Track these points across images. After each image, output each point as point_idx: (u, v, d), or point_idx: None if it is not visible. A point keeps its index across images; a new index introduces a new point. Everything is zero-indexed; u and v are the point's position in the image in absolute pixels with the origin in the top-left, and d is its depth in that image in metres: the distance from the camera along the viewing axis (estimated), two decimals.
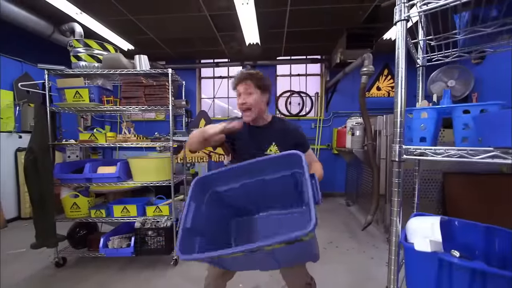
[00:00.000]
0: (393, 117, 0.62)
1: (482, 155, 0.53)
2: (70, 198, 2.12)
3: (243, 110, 1.15)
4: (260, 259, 0.77)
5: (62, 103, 2.07)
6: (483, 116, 0.54)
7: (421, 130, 0.64)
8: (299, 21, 3.43)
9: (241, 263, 0.81)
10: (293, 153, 0.87)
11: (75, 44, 2.06)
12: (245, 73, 1.15)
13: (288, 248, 0.71)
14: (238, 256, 0.71)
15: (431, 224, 0.56)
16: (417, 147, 0.60)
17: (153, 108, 2.05)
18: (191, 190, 0.89)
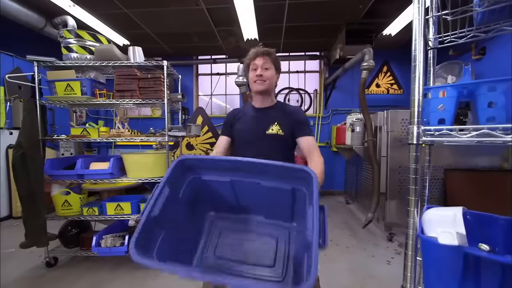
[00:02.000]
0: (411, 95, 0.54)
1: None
2: (61, 195, 2.04)
3: (258, 81, 1.14)
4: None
5: (53, 97, 1.98)
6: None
7: (439, 111, 0.58)
8: (298, 15, 3.37)
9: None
10: (305, 169, 0.75)
11: (66, 35, 1.97)
12: (263, 49, 1.16)
13: None
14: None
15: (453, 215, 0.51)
16: (437, 127, 0.54)
17: (148, 102, 1.98)
18: (170, 171, 0.74)
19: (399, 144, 2.62)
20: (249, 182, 0.82)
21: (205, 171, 0.83)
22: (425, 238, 0.51)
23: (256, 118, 1.20)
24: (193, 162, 0.81)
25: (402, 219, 2.66)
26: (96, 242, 1.97)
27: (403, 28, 3.54)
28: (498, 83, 0.51)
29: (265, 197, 0.83)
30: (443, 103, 0.56)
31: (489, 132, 0.48)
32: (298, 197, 0.80)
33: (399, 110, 2.66)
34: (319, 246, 0.56)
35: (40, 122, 1.98)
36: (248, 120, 1.21)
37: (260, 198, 0.84)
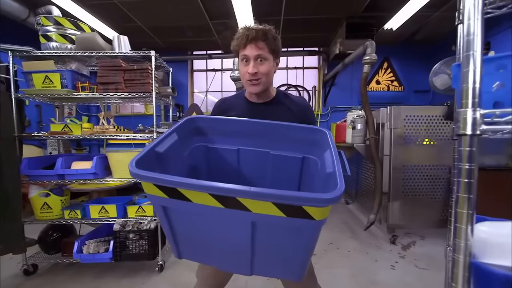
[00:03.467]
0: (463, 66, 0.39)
1: None
2: (40, 197, 1.87)
3: (252, 81, 0.89)
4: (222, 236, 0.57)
5: (29, 89, 1.81)
6: None
7: (494, 91, 0.44)
8: (297, 7, 3.22)
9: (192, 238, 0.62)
10: (319, 128, 0.76)
11: (43, 22, 1.80)
12: (257, 29, 0.86)
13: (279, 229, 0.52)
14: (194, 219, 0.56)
15: None
16: (507, 110, 0.40)
17: (134, 95, 1.82)
18: (178, 124, 0.72)
19: (402, 142, 2.50)
20: (257, 152, 0.79)
21: (213, 136, 0.81)
22: (486, 268, 0.37)
23: (252, 117, 0.91)
24: (203, 123, 0.78)
25: (405, 221, 2.54)
26: (77, 248, 1.81)
27: (405, 22, 3.42)
28: None
29: (272, 168, 0.79)
30: (502, 80, 0.43)
31: None
32: (307, 166, 0.77)
33: (402, 106, 2.54)
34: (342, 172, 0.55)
35: (16, 118, 1.82)
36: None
37: (266, 169, 0.80)
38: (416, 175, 2.52)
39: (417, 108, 2.57)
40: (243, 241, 0.56)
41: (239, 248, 0.58)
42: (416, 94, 4.38)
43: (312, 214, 0.46)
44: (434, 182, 2.53)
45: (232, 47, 0.93)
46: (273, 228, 0.52)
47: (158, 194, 0.53)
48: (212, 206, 0.51)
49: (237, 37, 0.89)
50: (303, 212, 0.46)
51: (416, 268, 2.01)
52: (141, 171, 0.51)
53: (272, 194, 0.45)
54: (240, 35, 0.88)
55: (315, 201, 0.44)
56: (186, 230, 0.61)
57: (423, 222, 2.57)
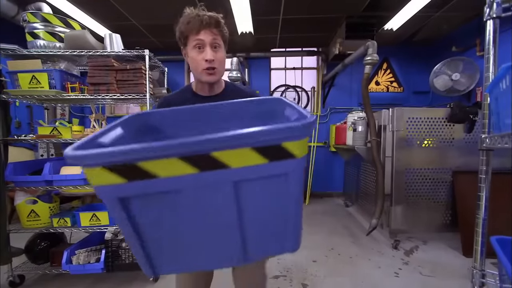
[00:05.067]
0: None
1: None
2: (26, 204, 1.77)
3: (209, 70, 0.83)
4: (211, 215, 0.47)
5: (15, 90, 1.71)
6: None
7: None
8: (296, 7, 3.15)
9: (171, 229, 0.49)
10: (271, 98, 0.67)
11: (29, 19, 1.70)
12: (211, 15, 0.82)
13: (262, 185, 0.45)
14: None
15: None
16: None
17: (127, 97, 1.73)
18: (125, 119, 0.61)
19: (404, 145, 2.44)
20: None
21: (168, 130, 0.69)
22: None
23: None
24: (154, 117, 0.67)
25: (408, 225, 2.48)
26: (67, 259, 1.71)
27: (405, 22, 3.37)
28: None
29: None
30: None
31: None
32: None
33: (404, 108, 2.48)
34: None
35: (1, 120, 1.71)
36: None
37: None
38: (418, 178, 2.47)
39: (419, 110, 2.52)
40: (228, 216, 0.47)
41: (225, 230, 0.49)
42: (415, 95, 4.34)
43: (292, 150, 0.43)
44: (437, 185, 2.48)
45: (180, 32, 0.85)
46: (256, 184, 0.46)
47: (113, 182, 0.40)
48: (185, 175, 0.41)
49: (188, 21, 0.82)
50: (283, 151, 0.42)
51: (421, 276, 1.95)
52: (83, 151, 0.37)
53: (250, 134, 0.39)
54: (191, 18, 0.81)
55: (292, 130, 0.40)
56: (156, 231, 0.48)
57: (426, 227, 2.51)
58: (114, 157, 0.37)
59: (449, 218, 2.50)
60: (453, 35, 3.75)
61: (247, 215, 0.48)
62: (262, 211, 0.49)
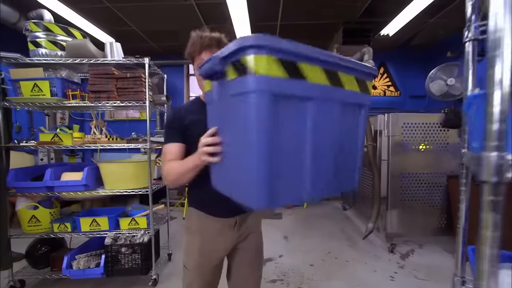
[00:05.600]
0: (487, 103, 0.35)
1: None
2: (27, 210, 1.80)
3: None
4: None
5: (17, 98, 1.74)
6: None
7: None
8: (294, 13, 3.20)
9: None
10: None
11: (32, 28, 1.74)
12: (211, 37, 0.90)
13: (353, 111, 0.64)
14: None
15: None
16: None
17: (127, 104, 1.76)
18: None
19: (400, 149, 2.48)
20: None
21: None
22: None
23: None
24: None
25: (404, 229, 2.51)
26: (67, 264, 1.74)
27: (402, 28, 3.43)
28: None
29: None
30: None
31: None
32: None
33: (400, 113, 2.52)
34: None
35: (3, 127, 1.74)
36: (204, 119, 0.88)
37: None
38: (414, 183, 2.50)
39: (414, 115, 2.56)
40: (333, 136, 0.59)
41: (328, 152, 0.59)
42: (412, 99, 4.39)
43: (369, 88, 0.66)
44: (432, 189, 2.52)
45: (187, 54, 0.94)
46: (350, 110, 0.63)
47: (278, 74, 0.46)
48: (321, 84, 0.54)
49: (192, 44, 0.90)
50: (367, 86, 0.65)
51: (416, 279, 1.98)
52: (267, 36, 0.46)
53: (358, 64, 0.61)
54: (194, 41, 0.90)
55: (374, 72, 0.66)
56: (285, 144, 0.50)
57: (422, 230, 2.54)
58: (289, 47, 0.48)
59: (444, 222, 2.53)
60: (448, 40, 3.81)
61: (341, 140, 0.61)
62: (348, 141, 0.64)
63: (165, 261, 2.26)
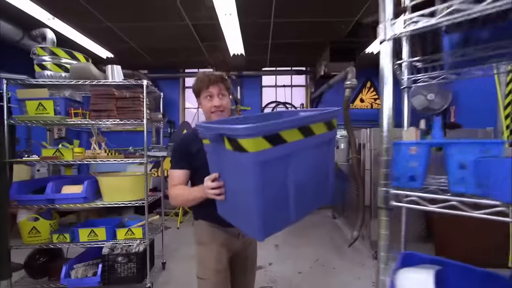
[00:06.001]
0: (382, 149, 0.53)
1: (485, 209, 0.45)
2: (28, 221, 1.89)
3: (217, 113, 1.09)
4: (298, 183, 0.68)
5: (22, 116, 1.87)
6: (490, 163, 0.46)
7: (410, 167, 0.57)
8: (283, 33, 3.43)
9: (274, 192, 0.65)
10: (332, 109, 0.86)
11: (39, 52, 1.89)
12: (216, 75, 1.10)
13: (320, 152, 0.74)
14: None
15: (424, 281, 0.48)
16: (407, 193, 0.53)
17: (126, 122, 1.90)
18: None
19: None
20: None
21: None
22: None
23: None
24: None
25: None
26: (65, 273, 1.83)
27: None
28: (470, 145, 0.50)
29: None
30: (414, 160, 0.55)
31: (458, 206, 0.47)
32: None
33: None
34: None
35: (8, 143, 1.86)
36: None
37: None
38: None
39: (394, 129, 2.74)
40: (311, 169, 0.71)
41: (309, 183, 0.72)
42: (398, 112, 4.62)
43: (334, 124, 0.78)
44: None
45: (195, 89, 1.12)
46: (322, 147, 0.73)
47: (265, 147, 0.58)
48: (297, 140, 0.64)
49: (201, 81, 1.09)
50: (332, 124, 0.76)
51: None
52: (253, 125, 0.56)
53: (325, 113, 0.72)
54: (202, 78, 1.09)
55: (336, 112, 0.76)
56: (274, 190, 0.65)
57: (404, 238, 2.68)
58: (271, 127, 0.58)
59: (424, 231, 2.69)
60: None
61: (318, 170, 0.73)
62: (322, 168, 0.76)
63: (159, 269, 2.35)
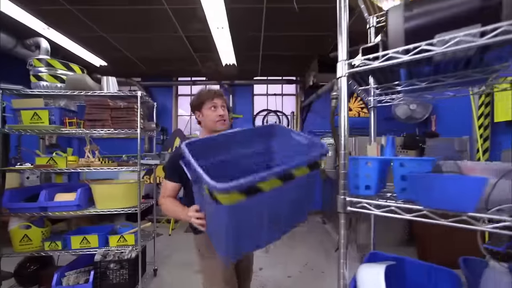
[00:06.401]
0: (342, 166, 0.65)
1: (414, 213, 0.57)
2: (20, 229, 1.91)
3: (221, 121, 1.21)
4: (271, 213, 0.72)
5: (17, 126, 1.91)
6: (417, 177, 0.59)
7: (366, 178, 0.68)
8: (273, 45, 3.58)
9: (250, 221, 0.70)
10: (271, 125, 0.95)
11: (35, 64, 1.95)
12: (219, 90, 1.26)
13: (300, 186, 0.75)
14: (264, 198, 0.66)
15: (376, 275, 0.58)
16: (359, 200, 0.64)
17: (120, 132, 1.97)
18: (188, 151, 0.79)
19: None
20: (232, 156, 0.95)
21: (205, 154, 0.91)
22: None
23: None
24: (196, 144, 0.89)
25: None
26: (57, 281, 1.84)
27: None
28: (408, 162, 0.62)
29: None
30: (368, 172, 0.67)
31: (396, 210, 0.59)
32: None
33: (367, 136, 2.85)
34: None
35: (2, 152, 1.89)
36: None
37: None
38: None
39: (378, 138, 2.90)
40: (286, 205, 0.75)
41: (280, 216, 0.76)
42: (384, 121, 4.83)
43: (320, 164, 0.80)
44: None
45: (198, 101, 1.23)
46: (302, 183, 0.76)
47: (239, 199, 0.62)
48: (276, 187, 0.68)
49: (205, 93, 1.23)
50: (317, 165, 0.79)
51: None
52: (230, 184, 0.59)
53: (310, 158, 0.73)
54: (206, 92, 1.23)
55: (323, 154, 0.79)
56: (247, 226, 0.70)
57: (391, 241, 2.81)
58: (248, 184, 0.61)
59: (407, 235, 2.82)
60: None
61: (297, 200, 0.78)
62: (302, 196, 0.80)
63: (151, 276, 2.38)
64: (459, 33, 0.54)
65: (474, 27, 0.53)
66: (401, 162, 0.65)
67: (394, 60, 0.65)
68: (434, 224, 0.57)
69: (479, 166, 0.60)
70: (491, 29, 0.52)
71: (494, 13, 0.51)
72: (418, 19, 0.60)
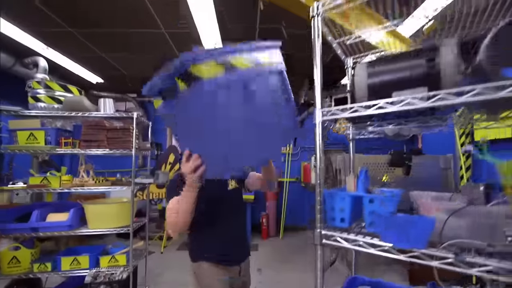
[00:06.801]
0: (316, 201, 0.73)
1: (377, 248, 0.65)
2: (9, 251, 1.89)
3: None
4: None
5: (13, 146, 1.94)
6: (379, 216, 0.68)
7: (341, 212, 0.76)
8: None
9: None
10: None
11: (34, 86, 2.01)
12: None
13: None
14: None
15: None
16: (333, 233, 0.72)
17: (116, 152, 2.02)
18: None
19: None
20: None
21: None
22: None
23: None
24: None
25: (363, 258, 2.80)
26: None
27: None
28: (376, 198, 0.71)
29: None
30: (343, 206, 0.75)
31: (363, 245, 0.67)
32: None
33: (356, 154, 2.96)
34: None
35: None
36: None
37: None
38: None
39: (366, 157, 3.02)
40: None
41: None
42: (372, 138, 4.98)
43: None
44: None
45: None
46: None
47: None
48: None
49: None
50: None
51: None
52: None
53: None
54: None
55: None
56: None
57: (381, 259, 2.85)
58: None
59: None
60: None
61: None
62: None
63: None
64: (408, 95, 0.65)
65: (422, 90, 0.63)
66: (370, 198, 0.73)
67: (358, 113, 0.75)
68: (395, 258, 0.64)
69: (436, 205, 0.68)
70: (432, 94, 0.62)
71: (438, 79, 0.62)
72: (379, 76, 0.71)
